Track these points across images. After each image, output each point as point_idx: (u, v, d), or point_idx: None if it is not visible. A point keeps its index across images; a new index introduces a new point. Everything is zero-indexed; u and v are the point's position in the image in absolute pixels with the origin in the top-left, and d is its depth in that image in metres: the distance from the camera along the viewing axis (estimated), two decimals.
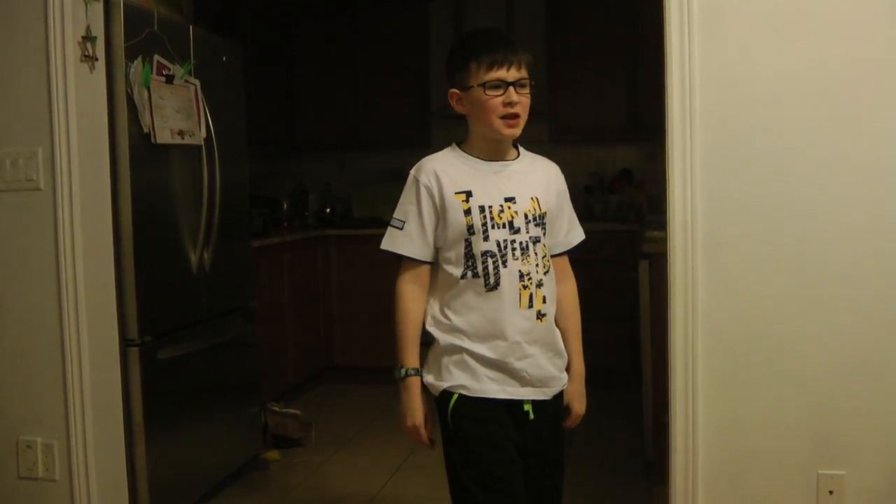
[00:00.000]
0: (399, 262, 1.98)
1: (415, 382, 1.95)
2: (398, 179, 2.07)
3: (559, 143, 5.61)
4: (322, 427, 4.25)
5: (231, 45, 3.69)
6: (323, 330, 5.25)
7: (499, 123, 1.90)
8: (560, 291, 2.06)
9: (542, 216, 1.99)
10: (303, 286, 4.99)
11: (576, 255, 2.14)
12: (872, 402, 2.45)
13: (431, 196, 1.93)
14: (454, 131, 2.10)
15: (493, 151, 1.97)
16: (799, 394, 2.49)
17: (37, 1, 2.83)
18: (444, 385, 1.94)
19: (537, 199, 1.99)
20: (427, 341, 1.97)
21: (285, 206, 5.55)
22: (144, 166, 3.04)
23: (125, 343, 2.99)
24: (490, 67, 1.87)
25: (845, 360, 2.46)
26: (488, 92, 1.87)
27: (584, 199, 5.65)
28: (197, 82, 3.32)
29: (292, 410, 4.16)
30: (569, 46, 5.35)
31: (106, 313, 2.95)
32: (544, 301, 1.95)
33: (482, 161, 1.96)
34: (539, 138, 5.66)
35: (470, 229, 1.90)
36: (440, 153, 2.00)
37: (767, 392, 2.50)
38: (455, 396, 1.93)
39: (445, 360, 1.94)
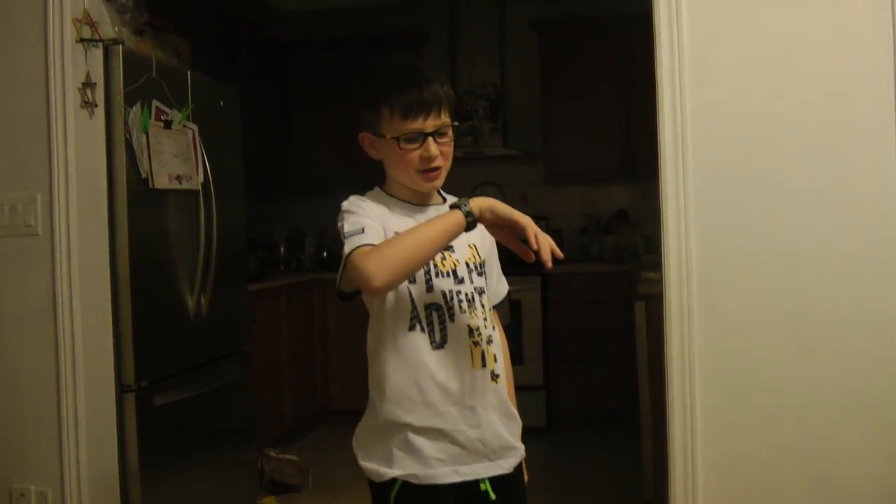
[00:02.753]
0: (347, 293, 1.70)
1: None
2: None
3: (554, 184, 5.64)
4: (319, 472, 4.22)
5: (228, 89, 3.72)
6: (319, 374, 5.22)
7: (417, 178, 1.70)
8: None
9: (482, 265, 1.77)
10: (299, 330, 4.98)
11: (574, 297, 2.09)
12: (871, 442, 2.45)
13: (380, 219, 1.68)
14: (453, 171, 1.98)
15: (419, 196, 1.76)
16: (797, 434, 2.49)
17: (37, 48, 2.88)
18: (391, 473, 1.67)
19: (475, 246, 1.77)
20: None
21: (282, 249, 5.55)
22: (142, 211, 3.05)
23: (121, 389, 2.98)
24: (405, 117, 1.65)
25: (843, 400, 2.46)
26: (403, 146, 1.66)
27: (581, 239, 5.67)
28: (195, 127, 3.34)
29: (289, 455, 4.13)
30: (562, 88, 5.40)
31: (102, 359, 2.94)
32: (496, 360, 1.72)
33: (413, 205, 1.75)
34: (534, 180, 5.69)
35: (411, 277, 1.66)
36: (369, 194, 1.77)
37: (766, 432, 2.50)
38: (398, 484, 1.67)
39: (388, 440, 1.68)
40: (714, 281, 2.52)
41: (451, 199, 1.81)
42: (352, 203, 1.70)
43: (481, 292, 1.74)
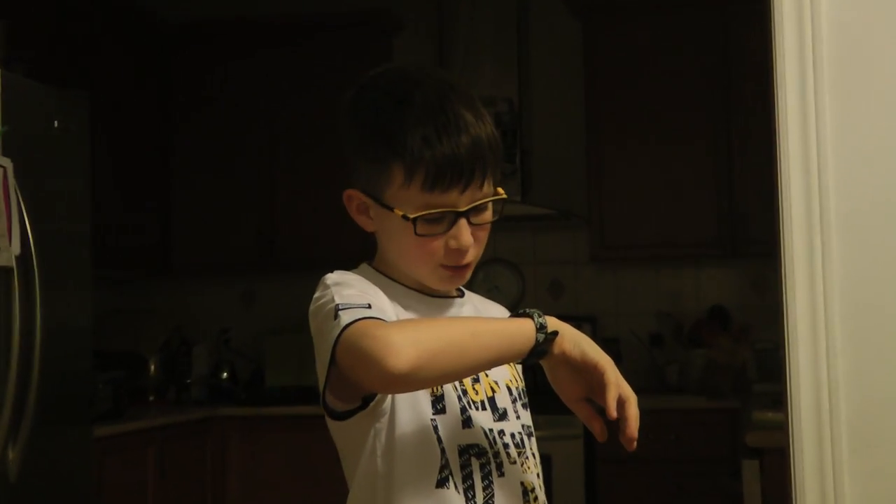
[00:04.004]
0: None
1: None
2: None
3: (606, 263, 5.65)
4: None
5: (70, 99, 3.72)
6: None
7: (434, 275, 1.78)
8: None
9: (524, 392, 1.88)
10: (180, 497, 4.94)
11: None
12: None
13: (381, 301, 1.73)
14: None
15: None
16: None
17: None
18: None
19: (513, 364, 1.87)
20: None
21: (153, 367, 5.50)
22: None
23: None
24: (431, 187, 1.70)
25: None
26: (422, 229, 1.72)
27: (650, 356, 5.64)
28: (7, 162, 3.32)
29: None
30: (620, 110, 5.45)
31: None
32: None
33: (423, 295, 1.83)
34: (573, 255, 5.70)
35: (437, 403, 1.74)
36: (357, 272, 1.83)
37: None
38: None
39: None
40: (876, 426, 2.49)
41: (471, 294, 1.92)
42: (344, 276, 1.76)
43: (530, 433, 1.84)
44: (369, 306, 1.64)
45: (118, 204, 5.07)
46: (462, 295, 1.89)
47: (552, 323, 1.68)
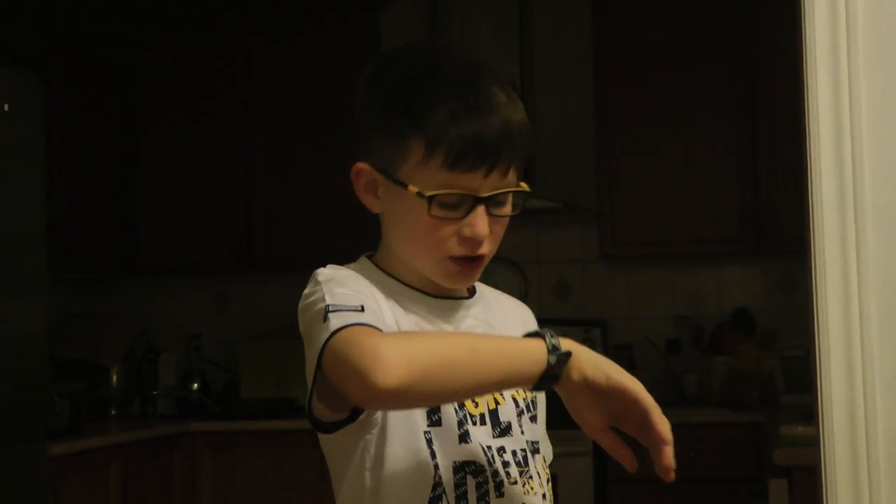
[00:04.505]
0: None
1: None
2: None
3: (618, 261, 5.66)
4: None
5: (22, 80, 3.72)
6: None
7: (440, 268, 1.80)
8: None
9: (534, 405, 1.89)
10: None
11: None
12: None
13: (377, 304, 1.76)
14: None
15: (436, 283, 1.86)
16: None
17: None
18: None
19: None
20: None
21: (115, 377, 5.49)
22: None
23: None
24: (452, 165, 1.72)
25: None
26: (436, 211, 1.74)
27: (668, 363, 5.63)
28: None
29: None
30: (634, 94, 5.44)
31: None
32: None
33: (428, 296, 1.85)
34: (582, 253, 5.72)
35: (432, 414, 1.75)
36: (352, 268, 1.84)
37: None
38: None
39: None
40: None
41: (485, 289, 1.96)
42: (337, 272, 1.78)
43: (535, 450, 1.86)
44: (362, 308, 1.65)
45: (76, 197, 5.06)
46: (471, 295, 1.92)
47: (565, 344, 1.66)
